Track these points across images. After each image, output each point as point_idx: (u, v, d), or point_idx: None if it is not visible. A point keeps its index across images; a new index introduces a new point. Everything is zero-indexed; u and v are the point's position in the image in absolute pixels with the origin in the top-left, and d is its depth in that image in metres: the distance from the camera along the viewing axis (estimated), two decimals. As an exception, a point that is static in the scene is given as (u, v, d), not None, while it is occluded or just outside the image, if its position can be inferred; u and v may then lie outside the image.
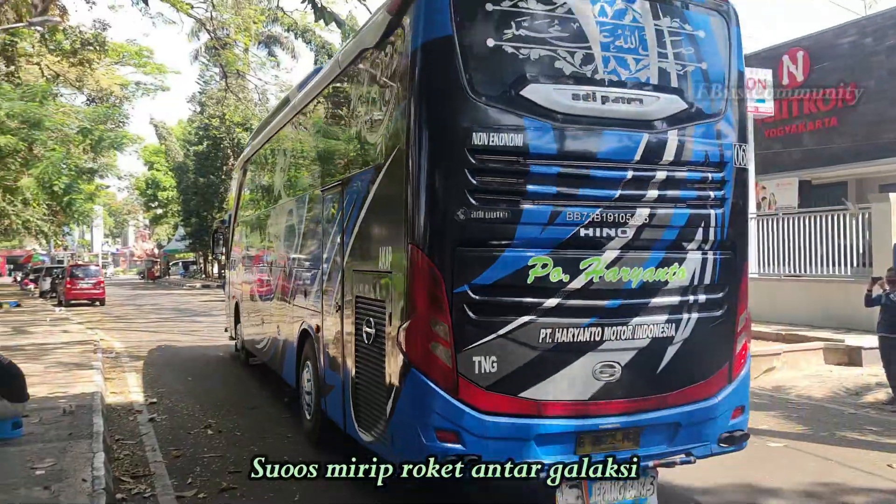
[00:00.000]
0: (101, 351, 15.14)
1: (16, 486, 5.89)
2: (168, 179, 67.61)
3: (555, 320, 5.03)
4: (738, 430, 5.56)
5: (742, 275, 5.69)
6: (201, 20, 23.41)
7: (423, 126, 4.95)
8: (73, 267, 35.75)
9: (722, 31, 5.65)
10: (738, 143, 5.64)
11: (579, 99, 5.12)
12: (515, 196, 4.95)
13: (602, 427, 5.12)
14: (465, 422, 4.86)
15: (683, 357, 5.36)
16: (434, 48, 4.93)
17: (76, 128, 27.89)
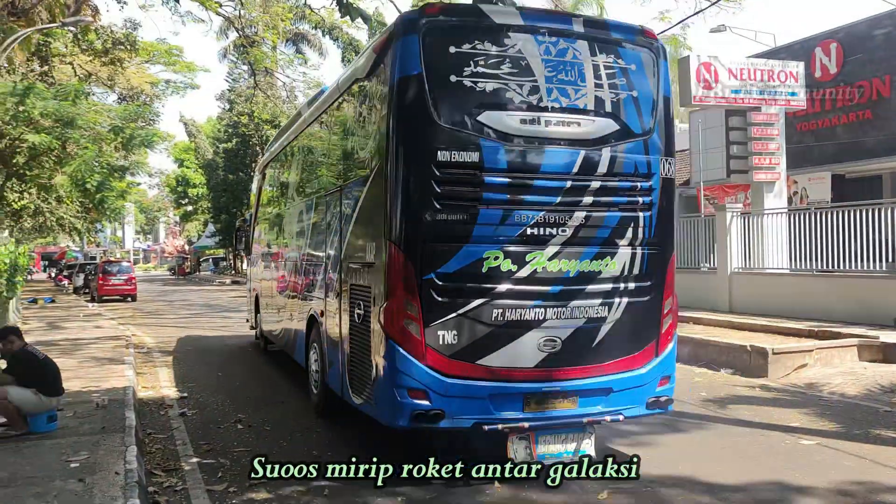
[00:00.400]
0: (133, 346, 15.37)
1: (51, 479, 6.00)
2: (198, 176, 68.08)
3: (505, 302, 6.25)
4: (664, 396, 6.77)
5: (668, 267, 6.86)
6: (230, 18, 23.61)
7: (398, 145, 6.20)
8: (106, 263, 36.14)
9: (651, 64, 6.86)
10: (665, 157, 6.80)
11: (526, 123, 6.33)
12: (473, 202, 6.18)
13: (545, 390, 6.32)
14: (432, 383, 6.08)
15: (615, 334, 6.56)
16: (407, 83, 6.18)
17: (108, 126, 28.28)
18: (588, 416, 6.47)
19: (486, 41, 6.34)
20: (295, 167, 11.24)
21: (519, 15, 6.59)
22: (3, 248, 17.02)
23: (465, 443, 7.08)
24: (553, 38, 6.54)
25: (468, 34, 6.33)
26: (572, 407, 6.44)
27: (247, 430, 8.36)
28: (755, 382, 10.93)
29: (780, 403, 9.49)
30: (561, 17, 7.15)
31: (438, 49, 6.24)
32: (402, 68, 6.24)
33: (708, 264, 16.85)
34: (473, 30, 6.36)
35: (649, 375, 6.68)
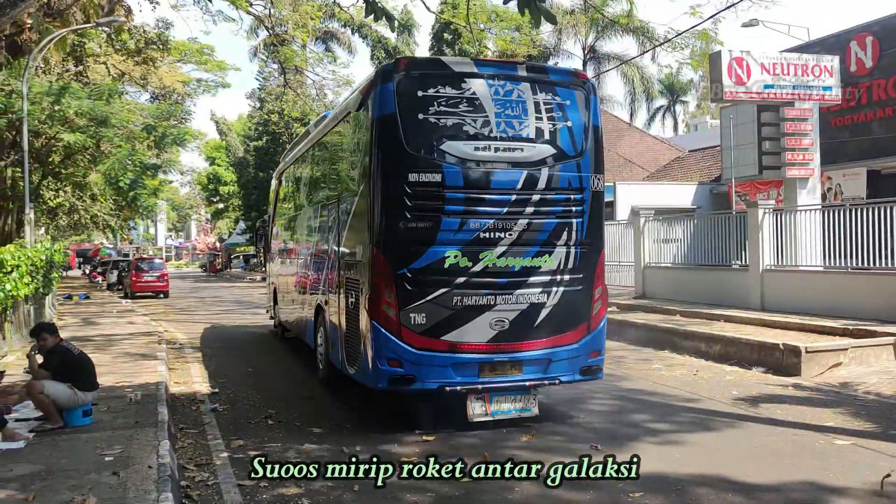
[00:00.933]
0: (165, 342, 15.60)
1: (87, 472, 6.10)
2: (229, 174, 68.57)
3: (463, 291, 7.87)
4: (594, 366, 8.42)
5: (598, 262, 8.50)
6: (260, 17, 23.76)
7: (378, 169, 7.89)
8: (139, 260, 36.58)
9: (582, 100, 8.53)
10: (595, 173, 8.43)
11: (479, 150, 7.98)
12: (437, 213, 7.80)
13: (496, 360, 7.97)
14: (405, 355, 7.74)
15: (553, 316, 8.16)
16: (384, 120, 7.89)
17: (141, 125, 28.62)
18: (530, 381, 8.11)
19: (447, 86, 8.03)
20: (304, 177, 13.07)
21: (473, 64, 8.27)
22: (39, 245, 17.32)
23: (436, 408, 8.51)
24: (501, 81, 8.21)
25: (432, 81, 8.01)
26: (518, 373, 8.08)
27: (277, 426, 8.44)
28: (788, 381, 10.79)
29: (813, 403, 9.35)
30: (508, 64, 8.61)
31: (409, 93, 7.94)
32: (380, 109, 7.96)
33: (739, 261, 16.65)
34: (436, 77, 8.04)
35: (582, 349, 8.32)
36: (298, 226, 13.31)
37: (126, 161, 27.83)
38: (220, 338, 17.23)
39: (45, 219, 35.98)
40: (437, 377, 7.84)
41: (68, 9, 20.99)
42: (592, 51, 34.24)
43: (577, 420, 8.55)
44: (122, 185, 28.70)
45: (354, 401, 9.60)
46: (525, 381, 8.10)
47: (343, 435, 7.95)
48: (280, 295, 15.92)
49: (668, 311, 16.43)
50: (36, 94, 22.89)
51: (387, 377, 7.79)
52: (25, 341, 14.60)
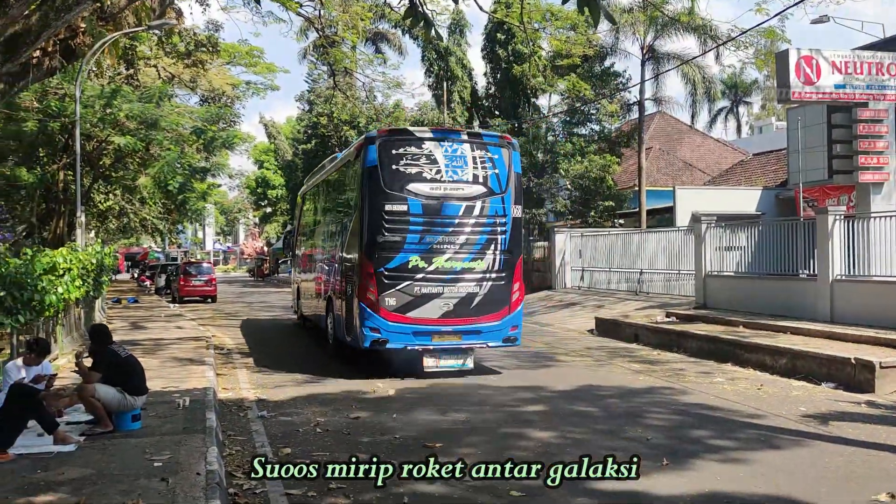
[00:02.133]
0: (213, 347, 15.87)
1: (136, 477, 6.24)
2: (277, 178, 69.53)
3: (421, 283, 12.10)
4: (512, 337, 12.63)
5: (516, 265, 12.64)
6: (310, 18, 24.09)
7: (365, 201, 12.24)
8: (187, 265, 37.25)
9: (507, 154, 12.77)
10: (514, 204, 12.67)
11: (434, 189, 12.22)
12: (404, 231, 12.08)
13: (443, 330, 12.23)
14: (382, 325, 12.01)
15: (483, 302, 12.37)
16: (370, 169, 12.18)
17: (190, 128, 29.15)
18: (466, 344, 12.41)
19: (412, 146, 12.28)
20: (320, 200, 17.59)
21: (430, 132, 12.82)
22: (90, 249, 17.79)
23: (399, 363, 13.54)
24: (450, 142, 12.50)
25: (402, 143, 12.27)
26: (458, 339, 12.36)
27: (325, 434, 8.52)
28: (860, 398, 10.52)
29: (888, 421, 9.08)
30: (454, 131, 13.23)
31: (386, 151, 12.20)
32: (368, 162, 12.23)
33: (807, 271, 16.25)
34: (405, 140, 12.34)
35: (504, 324, 12.55)
36: (315, 237, 17.85)
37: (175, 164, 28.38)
38: (263, 338, 17.53)
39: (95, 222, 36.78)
40: (403, 340, 12.13)
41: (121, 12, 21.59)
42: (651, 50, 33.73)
43: (633, 434, 8.43)
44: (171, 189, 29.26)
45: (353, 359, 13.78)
46: (462, 345, 12.43)
47: (392, 447, 8.00)
48: (302, 292, 20.12)
49: (731, 322, 16.12)
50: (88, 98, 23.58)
51: (370, 339, 12.08)
52: (76, 344, 15.03)
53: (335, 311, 14.16)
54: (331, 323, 14.70)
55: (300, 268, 20.75)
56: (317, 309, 16.93)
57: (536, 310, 23.98)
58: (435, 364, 12.25)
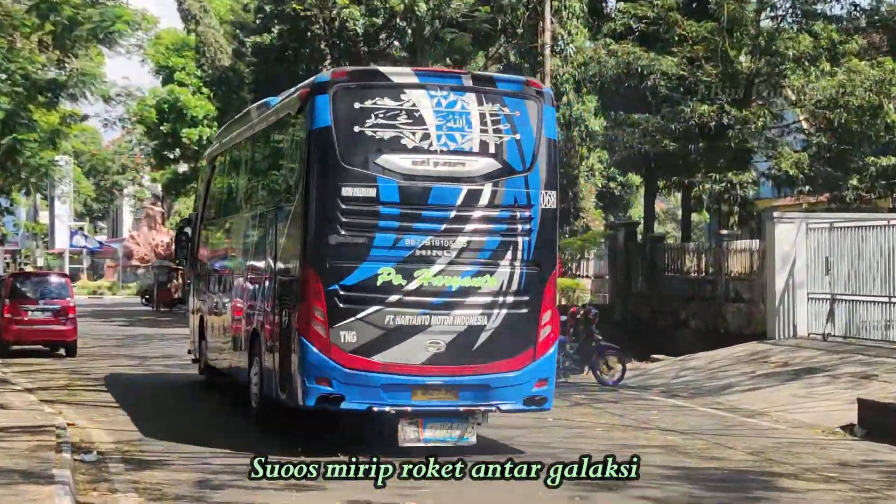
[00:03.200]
0: (71, 448, 8.57)
1: None
2: (201, 103, 39.02)
3: (396, 310, 8.33)
4: (539, 396, 8.70)
5: (546, 284, 8.77)
6: None
7: (310, 182, 8.46)
8: (18, 279, 20.59)
9: (534, 111, 8.82)
10: (545, 190, 8.74)
11: (417, 164, 8.48)
12: (370, 228, 8.36)
13: (429, 383, 8.35)
14: (334, 373, 8.22)
15: (494, 340, 8.49)
16: (319, 134, 8.42)
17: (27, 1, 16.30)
18: (466, 406, 8.50)
19: (385, 97, 8.53)
20: (242, 172, 12.20)
21: (414, 74, 9.04)
22: None
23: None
24: (444, 92, 8.64)
25: (370, 92, 8.54)
26: (453, 398, 8.47)
27: None
28: None
29: None
30: (451, 74, 9.53)
31: (345, 105, 8.47)
32: (314, 122, 8.51)
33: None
34: (375, 88, 8.60)
35: (526, 376, 8.65)
36: (234, 233, 12.27)
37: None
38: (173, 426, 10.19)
39: None
40: (367, 397, 8.36)
41: None
42: None
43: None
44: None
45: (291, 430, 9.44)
46: (460, 406, 8.49)
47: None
48: (209, 326, 13.38)
49: None
50: None
51: (315, 395, 8.32)
52: None
53: (264, 351, 9.81)
54: (255, 375, 10.16)
55: (205, 286, 13.83)
56: (233, 354, 11.58)
57: (733, 381, 14.00)
58: (417, 436, 8.40)
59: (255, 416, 10.25)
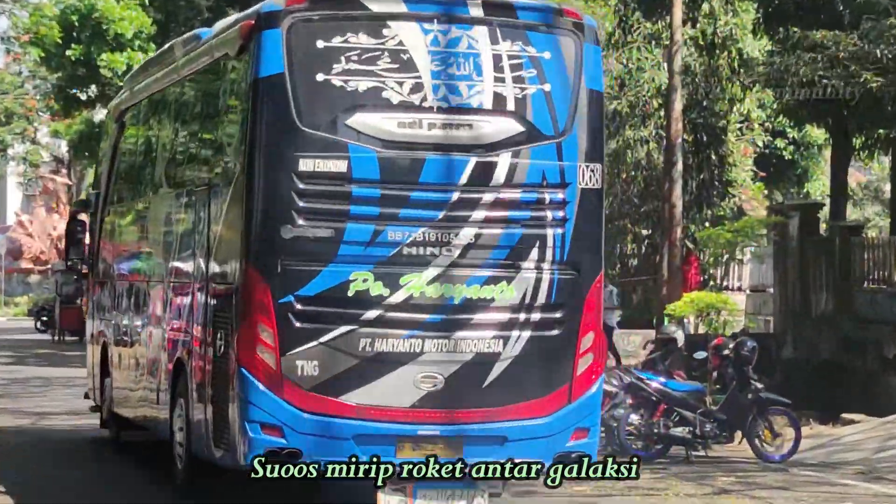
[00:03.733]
0: None
1: None
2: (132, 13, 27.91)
3: (374, 331, 6.63)
4: (577, 452, 6.84)
5: (587, 295, 6.97)
6: None
7: (255, 151, 6.73)
8: None
9: (571, 51, 6.99)
10: (587, 163, 6.92)
11: (405, 126, 6.71)
12: (339, 217, 6.63)
13: (421, 433, 6.67)
14: (288, 419, 6.51)
15: (512, 373, 6.78)
16: (267, 84, 6.64)
17: None
18: (473, 463, 6.68)
19: (361, 33, 6.71)
20: (161, 135, 9.86)
21: (402, 1, 6.93)
22: None
23: None
24: (444, 25, 6.82)
25: (339, 26, 6.73)
26: (455, 454, 6.66)
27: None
28: None
29: None
30: (454, 1, 7.19)
31: (304, 44, 6.69)
32: (262, 67, 6.68)
33: None
34: (345, 21, 6.75)
35: (558, 425, 6.90)
36: (150, 224, 9.98)
37: None
38: None
39: None
40: (333, 454, 6.69)
41: None
42: None
43: None
44: None
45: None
46: (466, 467, 6.82)
47: None
48: (114, 358, 10.92)
49: None
50: None
51: (260, 448, 6.55)
52: None
53: (191, 395, 7.97)
54: (180, 425, 8.26)
55: (110, 300, 11.44)
56: (149, 396, 9.52)
57: None
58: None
59: (179, 479, 8.30)
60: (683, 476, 9.57)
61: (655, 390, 10.59)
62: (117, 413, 10.58)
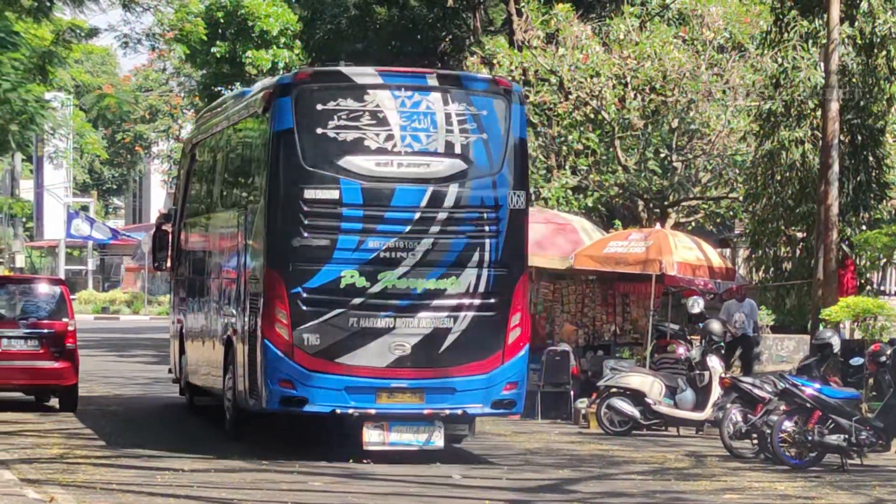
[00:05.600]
0: None
1: None
2: (278, 10, 26.42)
3: (359, 312, 9.12)
4: (508, 400, 9.47)
5: (515, 286, 9.51)
6: None
7: (273, 184, 9.33)
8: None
9: (502, 110, 9.55)
10: (514, 190, 9.49)
11: (381, 165, 9.32)
12: (333, 230, 9.21)
13: (394, 386, 9.20)
14: (297, 376, 9.05)
15: (460, 342, 9.25)
16: (281, 136, 9.27)
17: None
18: (432, 409, 9.22)
19: (349, 98, 9.26)
20: (217, 166, 12.29)
21: (378, 75, 9.71)
22: None
23: None
24: (409, 92, 9.38)
25: (333, 94, 9.29)
26: (419, 401, 9.20)
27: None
28: None
29: None
30: (416, 74, 10.28)
31: (307, 107, 9.26)
32: (278, 124, 9.30)
33: None
34: (337, 90, 9.35)
35: (494, 379, 9.33)
36: (211, 233, 12.32)
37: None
38: None
39: None
40: (330, 400, 9.07)
41: None
42: None
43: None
44: None
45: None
46: (425, 410, 9.23)
47: None
48: (189, 336, 12.82)
49: None
50: None
51: (278, 398, 9.11)
52: None
53: (236, 361, 10.09)
54: (230, 385, 10.33)
55: (185, 293, 13.38)
56: (211, 366, 11.37)
57: None
58: (381, 440, 9.14)
59: (228, 426, 10.75)
60: (838, 485, 9.25)
61: (810, 397, 10.21)
62: (190, 382, 12.81)
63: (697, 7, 18.29)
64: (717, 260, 14.76)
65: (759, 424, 10.31)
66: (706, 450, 11.45)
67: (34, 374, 12.97)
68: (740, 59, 18.05)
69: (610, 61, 17.72)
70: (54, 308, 13.48)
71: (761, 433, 10.31)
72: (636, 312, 14.93)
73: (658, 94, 18.26)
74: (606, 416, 12.33)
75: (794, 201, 16.81)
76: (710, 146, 18.19)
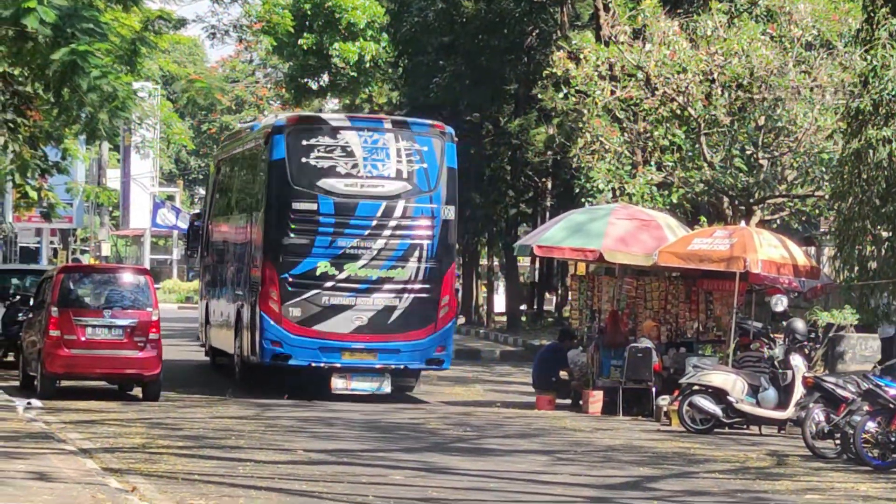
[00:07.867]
0: None
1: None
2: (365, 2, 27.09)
3: (330, 293, 13.28)
4: (438, 358, 13.74)
5: (445, 275, 13.82)
6: None
7: (269, 198, 13.67)
8: (70, 276, 14.03)
9: (439, 145, 13.78)
10: (445, 205, 13.68)
11: (348, 186, 13.46)
12: (312, 233, 13.42)
13: (354, 347, 13.36)
14: (284, 338, 13.25)
15: (404, 316, 13.38)
16: (276, 164, 13.50)
17: None
18: (382, 364, 13.38)
19: (325, 136, 13.46)
20: (235, 180, 16.83)
21: (347, 119, 14.84)
22: None
23: None
24: (370, 133, 13.67)
25: (314, 133, 13.48)
26: (373, 358, 13.36)
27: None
28: None
29: None
30: (375, 119, 16.43)
31: (295, 142, 13.35)
32: (272, 154, 13.39)
33: None
34: (317, 130, 13.58)
35: (429, 343, 13.51)
36: (229, 230, 16.74)
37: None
38: None
39: None
40: (308, 357, 13.21)
41: None
42: None
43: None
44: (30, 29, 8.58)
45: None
46: (377, 365, 13.31)
47: None
48: (212, 310, 17.38)
49: None
50: None
51: (270, 354, 13.22)
52: None
53: (242, 328, 14.41)
54: (238, 343, 14.74)
55: (210, 276, 18.23)
56: (227, 331, 15.90)
57: None
58: (345, 386, 13.31)
59: (237, 377, 15.09)
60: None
61: (893, 398, 10.10)
62: (213, 346, 17.38)
63: (785, 4, 18.08)
64: (802, 258, 14.65)
65: (842, 425, 10.24)
66: (788, 449, 11.50)
67: (118, 364, 13.14)
68: (828, 57, 17.82)
69: (697, 57, 17.67)
70: (139, 297, 13.65)
71: (844, 433, 10.22)
72: (719, 310, 14.87)
73: (745, 90, 18.21)
74: (688, 413, 12.38)
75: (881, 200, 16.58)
76: (797, 144, 18.02)
